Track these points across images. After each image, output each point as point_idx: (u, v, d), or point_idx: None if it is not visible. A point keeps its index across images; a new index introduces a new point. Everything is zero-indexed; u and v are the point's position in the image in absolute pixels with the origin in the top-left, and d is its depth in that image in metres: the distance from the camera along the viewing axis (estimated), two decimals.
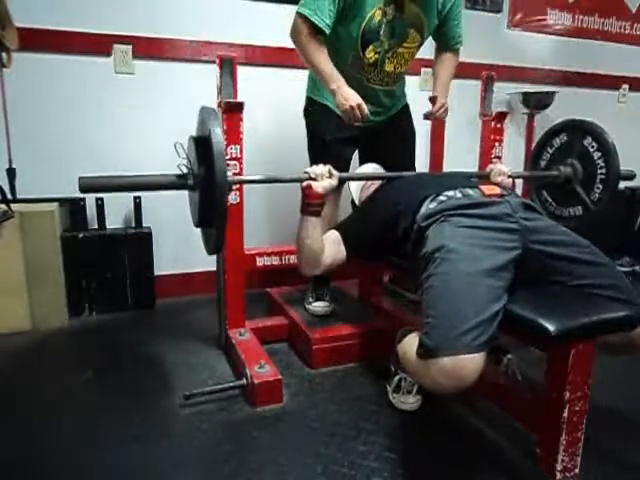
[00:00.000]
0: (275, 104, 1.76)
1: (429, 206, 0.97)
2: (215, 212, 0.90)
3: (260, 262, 1.34)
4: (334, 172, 1.03)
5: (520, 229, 0.91)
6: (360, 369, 1.28)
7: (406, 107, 1.47)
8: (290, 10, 1.23)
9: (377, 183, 1.21)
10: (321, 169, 1.01)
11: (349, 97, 1.15)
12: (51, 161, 1.56)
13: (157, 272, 1.66)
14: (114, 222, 1.63)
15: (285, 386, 1.13)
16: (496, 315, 0.78)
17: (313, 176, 1.00)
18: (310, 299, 1.45)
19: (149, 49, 1.61)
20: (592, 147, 1.24)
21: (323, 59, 1.18)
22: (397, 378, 1.10)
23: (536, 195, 1.41)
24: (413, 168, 1.47)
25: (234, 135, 1.22)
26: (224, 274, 1.29)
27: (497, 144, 1.53)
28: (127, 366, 1.28)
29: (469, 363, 0.73)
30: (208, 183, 0.90)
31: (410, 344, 0.86)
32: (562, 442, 0.85)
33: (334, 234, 1.10)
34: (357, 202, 1.28)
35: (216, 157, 0.86)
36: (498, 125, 1.53)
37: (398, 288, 1.79)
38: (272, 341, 1.39)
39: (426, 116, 1.38)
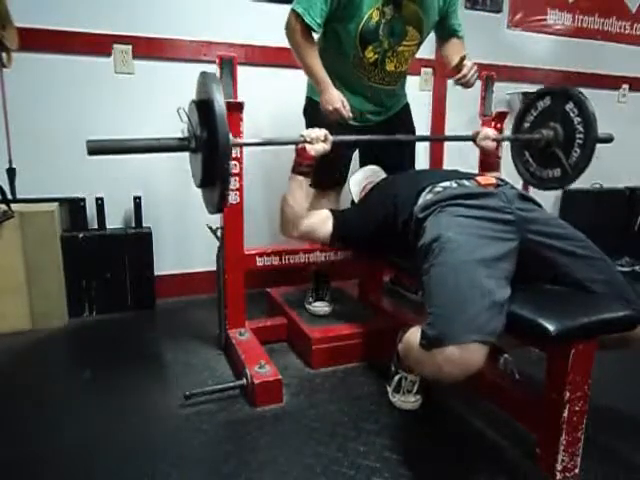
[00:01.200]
0: (275, 104, 1.76)
1: (426, 197, 0.97)
2: (218, 171, 0.93)
3: (260, 262, 1.34)
4: (329, 137, 1.07)
5: (516, 220, 0.91)
6: (360, 369, 1.28)
7: (406, 106, 1.47)
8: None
9: (376, 182, 1.21)
10: (316, 133, 1.06)
11: (330, 100, 1.19)
12: (51, 161, 1.56)
13: (157, 272, 1.66)
14: (114, 222, 1.63)
15: (285, 386, 1.13)
16: (498, 304, 0.78)
17: (308, 139, 1.05)
18: (310, 299, 1.45)
19: (149, 49, 1.60)
20: (573, 112, 1.27)
21: (314, 60, 1.22)
22: (397, 378, 1.10)
23: (517, 155, 1.43)
24: (413, 165, 1.48)
25: (234, 135, 1.22)
26: (224, 274, 1.29)
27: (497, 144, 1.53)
28: (127, 366, 1.28)
29: (475, 351, 0.74)
30: (211, 144, 0.92)
31: (413, 337, 0.86)
32: (562, 442, 0.85)
33: (326, 212, 1.13)
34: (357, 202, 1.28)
35: (218, 118, 0.89)
36: (498, 125, 1.53)
37: (399, 288, 1.79)
38: (272, 341, 1.39)
39: (457, 80, 1.30)
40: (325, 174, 1.38)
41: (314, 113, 1.39)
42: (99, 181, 1.60)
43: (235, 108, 1.20)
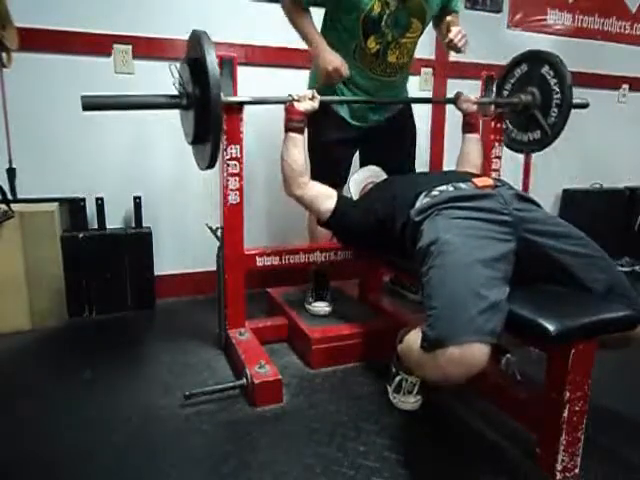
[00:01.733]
0: (275, 104, 1.76)
1: (422, 201, 0.98)
2: (212, 126, 0.96)
3: (260, 262, 1.34)
4: (316, 95, 1.13)
5: (513, 220, 0.91)
6: (360, 369, 1.28)
7: (408, 106, 1.47)
8: None
9: (376, 183, 1.22)
10: (304, 92, 1.13)
11: (329, 60, 1.20)
12: (51, 161, 1.56)
13: (157, 272, 1.66)
14: (114, 222, 1.63)
15: (285, 386, 1.13)
16: (497, 305, 0.78)
17: (296, 98, 1.11)
18: (310, 299, 1.45)
19: (149, 49, 1.60)
20: (549, 75, 1.36)
21: (305, 23, 1.25)
22: (398, 379, 1.10)
23: None
24: (413, 168, 1.48)
25: (234, 135, 1.22)
26: (224, 274, 1.29)
27: (497, 144, 1.52)
28: (127, 366, 1.28)
29: (477, 350, 0.74)
30: (203, 100, 0.96)
31: (413, 339, 0.87)
32: (562, 442, 0.85)
33: (332, 191, 1.16)
34: None
35: (211, 75, 0.92)
36: (498, 125, 1.52)
37: (399, 288, 1.79)
38: (272, 341, 1.39)
39: (447, 45, 1.27)
40: (325, 177, 1.38)
41: (315, 114, 1.38)
42: (99, 181, 1.60)
43: (235, 108, 1.20)
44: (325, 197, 1.14)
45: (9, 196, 1.43)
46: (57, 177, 1.56)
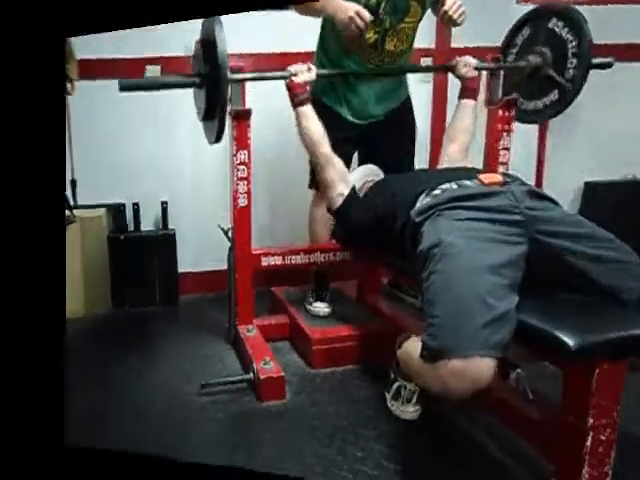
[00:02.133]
0: (276, 105, 1.59)
1: (423, 201, 0.79)
2: (219, 100, 0.95)
3: (265, 262, 1.22)
4: (312, 67, 1.04)
5: (525, 220, 0.71)
6: (358, 372, 1.12)
7: (408, 101, 1.26)
8: (291, 14, 1.07)
9: (375, 182, 1.05)
10: (300, 66, 1.05)
11: (345, 8, 1.00)
12: (99, 172, 1.54)
13: (180, 270, 1.59)
14: (144, 225, 1.60)
15: (287, 383, 1.02)
16: (506, 315, 0.62)
17: (293, 72, 1.04)
18: (310, 299, 1.28)
19: (177, 67, 1.53)
20: (558, 26, 1.06)
21: None
22: (396, 385, 0.92)
23: None
24: (412, 166, 1.27)
25: (242, 141, 1.12)
26: (234, 273, 1.19)
27: (505, 134, 1.20)
28: (155, 355, 1.24)
29: (482, 364, 0.59)
30: (213, 77, 0.94)
31: (412, 347, 0.72)
32: (584, 475, 0.64)
33: (349, 178, 1.04)
34: None
35: (219, 53, 0.91)
36: (506, 113, 1.19)
37: (397, 292, 1.56)
38: (276, 339, 1.26)
39: (441, 18, 1.05)
40: None
41: (320, 112, 1.23)
42: (135, 188, 1.57)
43: (243, 115, 1.10)
44: (342, 181, 1.02)
45: (71, 203, 1.46)
46: (103, 186, 1.55)
